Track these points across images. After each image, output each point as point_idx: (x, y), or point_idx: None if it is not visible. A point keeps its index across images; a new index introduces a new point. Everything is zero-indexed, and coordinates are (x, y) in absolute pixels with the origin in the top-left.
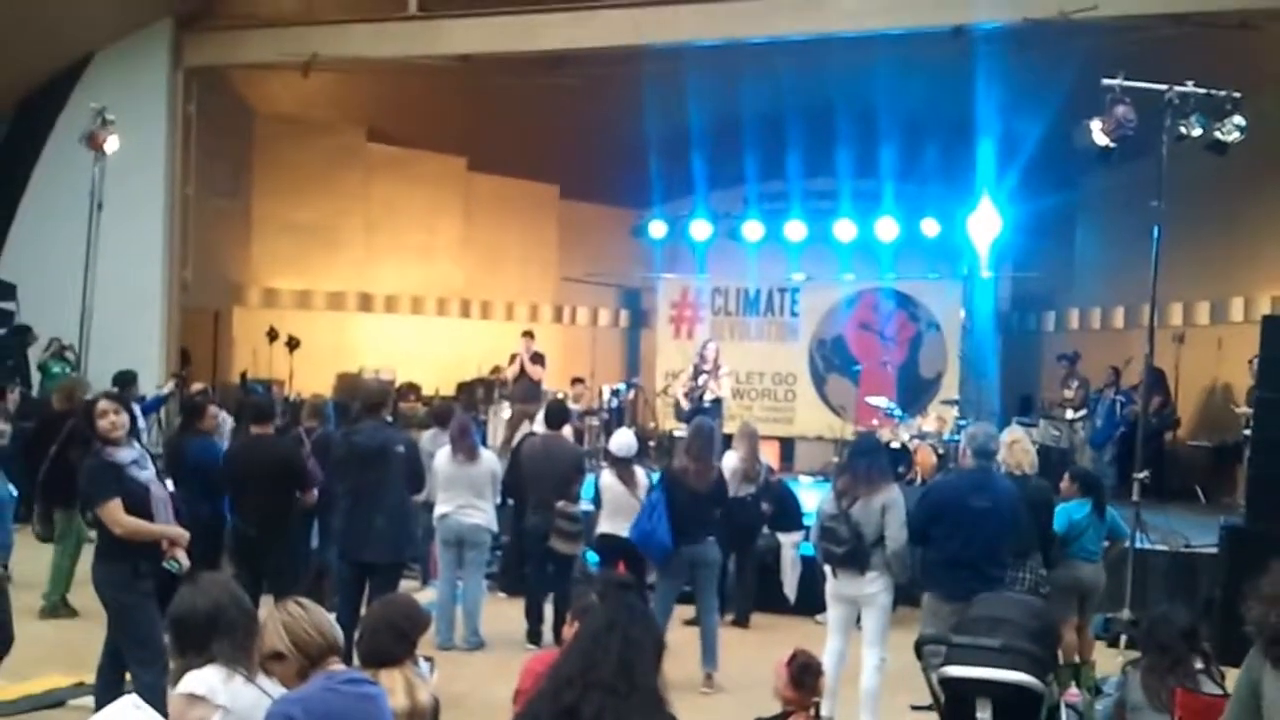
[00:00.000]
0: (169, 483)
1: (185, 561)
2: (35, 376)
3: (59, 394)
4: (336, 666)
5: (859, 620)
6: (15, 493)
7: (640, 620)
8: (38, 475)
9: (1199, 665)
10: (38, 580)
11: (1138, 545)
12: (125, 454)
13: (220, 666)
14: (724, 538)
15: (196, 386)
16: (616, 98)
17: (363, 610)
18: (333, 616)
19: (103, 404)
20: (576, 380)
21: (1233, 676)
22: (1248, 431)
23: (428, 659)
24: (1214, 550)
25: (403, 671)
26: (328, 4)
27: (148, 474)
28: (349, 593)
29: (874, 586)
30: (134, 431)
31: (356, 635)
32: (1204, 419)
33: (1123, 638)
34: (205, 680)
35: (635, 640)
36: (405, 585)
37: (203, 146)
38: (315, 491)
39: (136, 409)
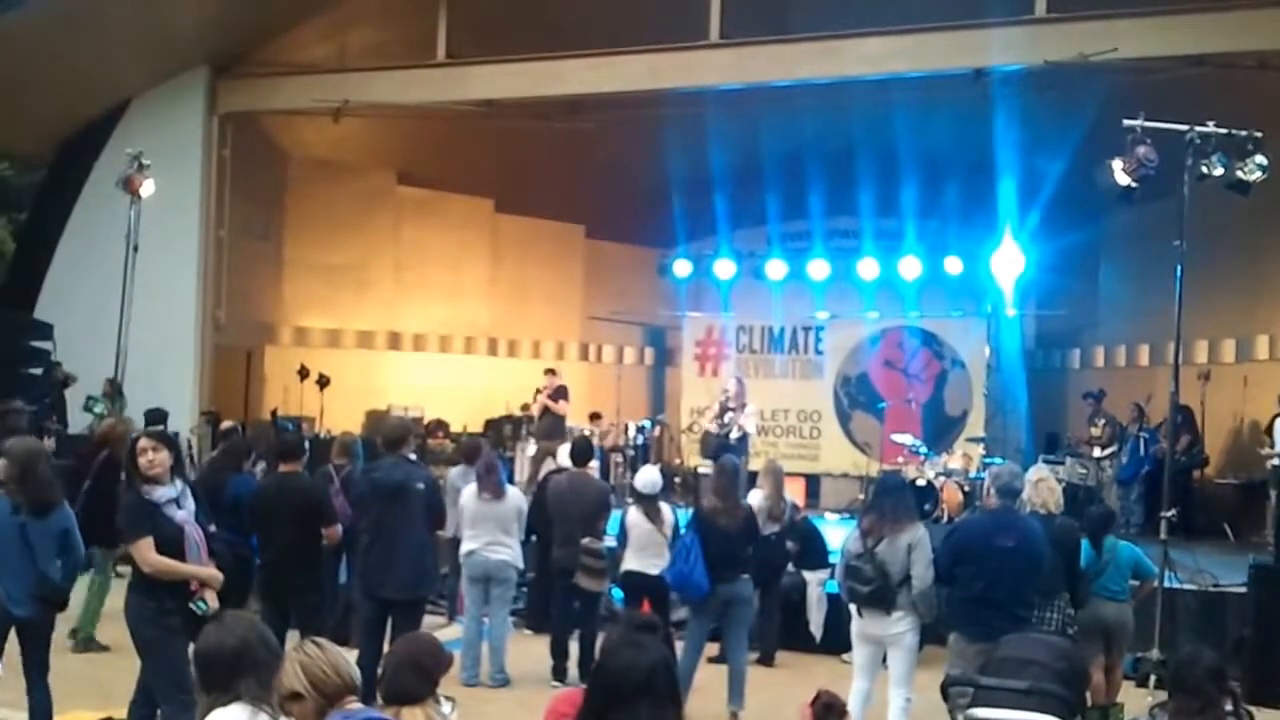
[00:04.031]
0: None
1: (213, 604)
2: (72, 413)
3: (100, 430)
4: (354, 706)
5: (885, 660)
6: None
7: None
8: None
9: (1228, 706)
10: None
11: (1167, 584)
12: (163, 492)
13: (246, 705)
14: (754, 575)
15: (226, 424)
16: (640, 139)
17: (385, 647)
18: (356, 654)
19: (143, 441)
20: (594, 415)
21: (1263, 717)
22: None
23: (449, 698)
24: (1243, 589)
25: (425, 710)
26: (359, 51)
27: (184, 513)
28: (370, 630)
29: (900, 626)
30: (178, 468)
31: (379, 673)
32: (1231, 456)
33: (1152, 678)
34: (231, 718)
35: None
36: (431, 621)
37: (236, 190)
38: (339, 528)
39: None
